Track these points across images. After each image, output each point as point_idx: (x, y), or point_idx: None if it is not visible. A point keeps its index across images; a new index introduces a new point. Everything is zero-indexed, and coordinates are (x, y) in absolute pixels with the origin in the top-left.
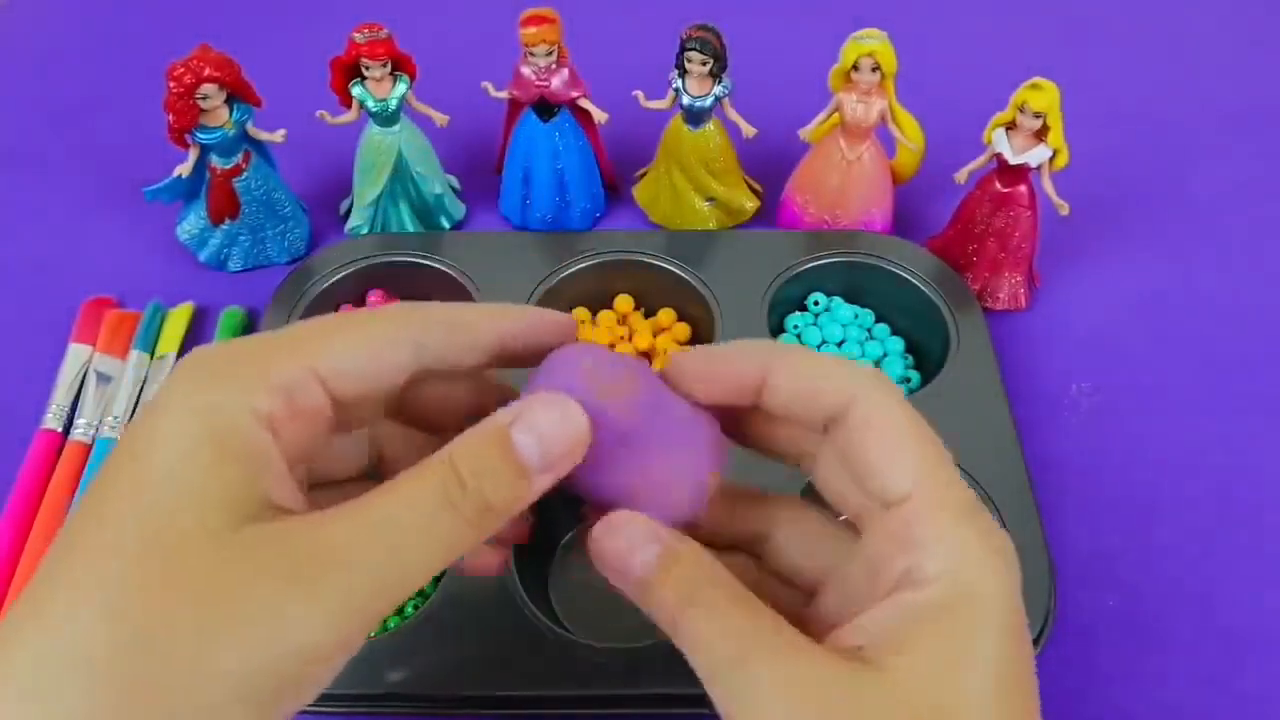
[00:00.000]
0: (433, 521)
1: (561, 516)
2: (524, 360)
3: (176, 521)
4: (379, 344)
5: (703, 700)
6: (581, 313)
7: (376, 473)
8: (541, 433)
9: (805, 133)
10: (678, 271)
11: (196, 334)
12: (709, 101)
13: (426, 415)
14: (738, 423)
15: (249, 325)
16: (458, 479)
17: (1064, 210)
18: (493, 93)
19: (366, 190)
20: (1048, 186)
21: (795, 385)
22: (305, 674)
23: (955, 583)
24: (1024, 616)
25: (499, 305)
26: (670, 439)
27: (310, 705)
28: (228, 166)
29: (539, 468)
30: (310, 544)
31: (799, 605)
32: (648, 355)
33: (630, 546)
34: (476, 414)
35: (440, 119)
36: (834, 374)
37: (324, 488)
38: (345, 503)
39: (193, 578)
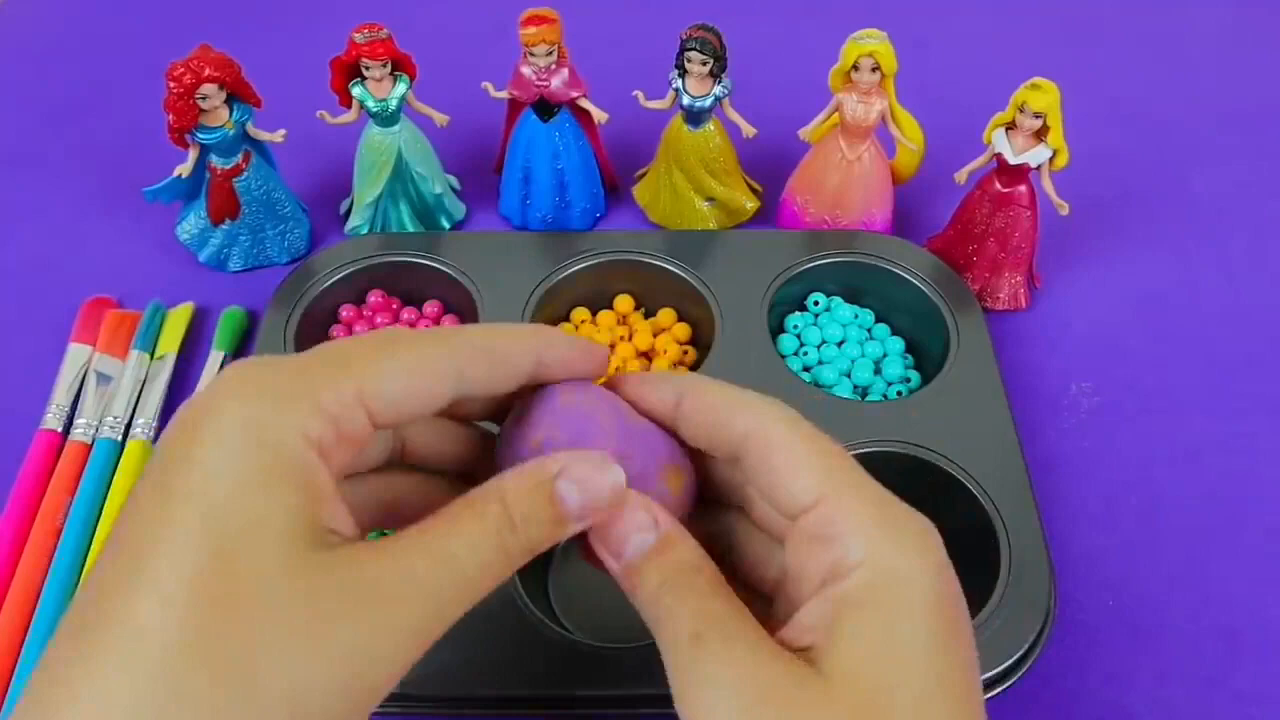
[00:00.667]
0: (489, 559)
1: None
2: (551, 380)
3: (244, 550)
4: (424, 374)
5: None
6: (581, 313)
7: (400, 460)
8: (584, 487)
9: (805, 133)
10: (678, 271)
11: (196, 334)
12: (709, 101)
13: (456, 412)
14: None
15: (249, 325)
16: (510, 522)
17: (1064, 210)
18: (493, 93)
19: (366, 190)
20: (1048, 186)
21: (701, 416)
22: (371, 694)
23: (876, 567)
24: (954, 587)
25: (537, 330)
26: (639, 451)
27: None
28: (228, 166)
29: (575, 518)
30: (382, 573)
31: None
32: (647, 355)
33: (629, 529)
34: (504, 406)
35: (440, 119)
36: (736, 403)
37: (348, 479)
38: (408, 532)
39: (267, 610)
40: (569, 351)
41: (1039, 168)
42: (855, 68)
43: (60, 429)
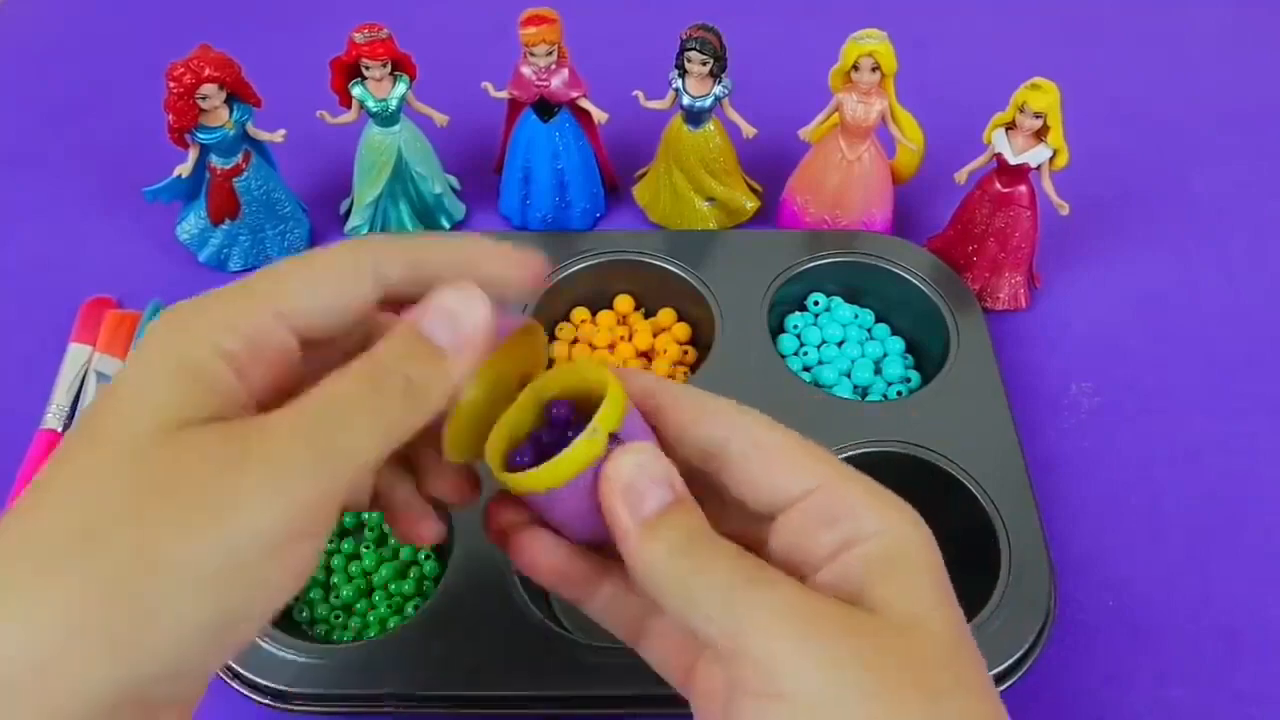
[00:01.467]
0: (363, 400)
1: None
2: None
3: (130, 425)
4: (337, 279)
5: None
6: (581, 313)
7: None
8: (451, 314)
9: (805, 133)
10: (678, 271)
11: None
12: (709, 101)
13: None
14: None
15: None
16: (381, 365)
17: (1064, 210)
18: (493, 93)
19: (366, 190)
20: (1048, 186)
21: (680, 416)
22: (257, 563)
23: (893, 536)
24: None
25: (458, 240)
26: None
27: (310, 705)
28: (228, 166)
29: (453, 347)
30: (248, 431)
31: None
32: (647, 355)
33: (646, 486)
34: None
35: (440, 119)
36: (714, 408)
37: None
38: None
39: (140, 472)
40: (494, 254)
41: (1039, 168)
42: (855, 68)
43: (60, 429)
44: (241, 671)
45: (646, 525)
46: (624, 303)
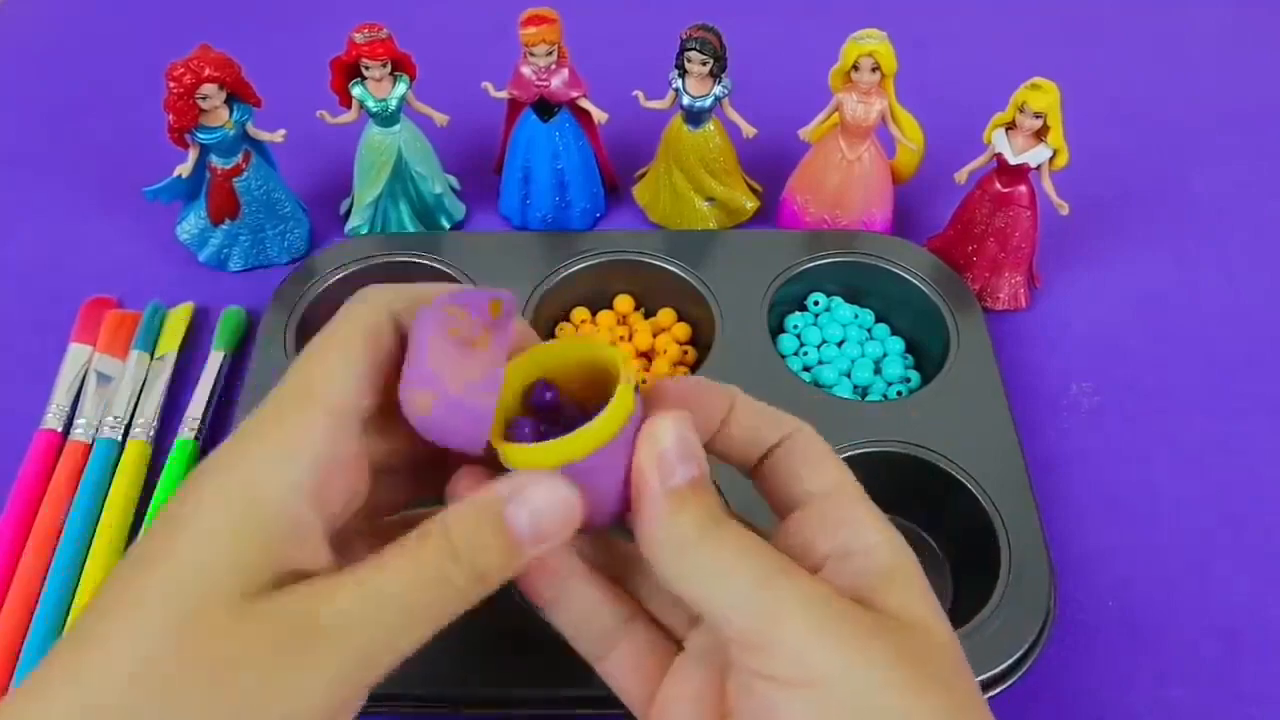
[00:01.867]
0: (427, 597)
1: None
2: None
3: (194, 592)
4: (364, 346)
5: None
6: (581, 313)
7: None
8: (535, 509)
9: (805, 133)
10: (678, 271)
11: (196, 334)
12: (709, 101)
13: None
14: None
15: (249, 325)
16: (453, 552)
17: (1064, 210)
18: (493, 93)
19: (366, 190)
20: (1048, 186)
21: (750, 420)
22: None
23: (892, 550)
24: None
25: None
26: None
27: None
28: (228, 166)
29: (530, 541)
30: (310, 616)
31: None
32: (647, 355)
33: (680, 456)
34: None
35: (440, 119)
36: (776, 412)
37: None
38: (352, 569)
39: (199, 647)
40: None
41: (1039, 168)
42: (855, 68)
43: (60, 429)
44: None
45: (676, 495)
46: (624, 303)
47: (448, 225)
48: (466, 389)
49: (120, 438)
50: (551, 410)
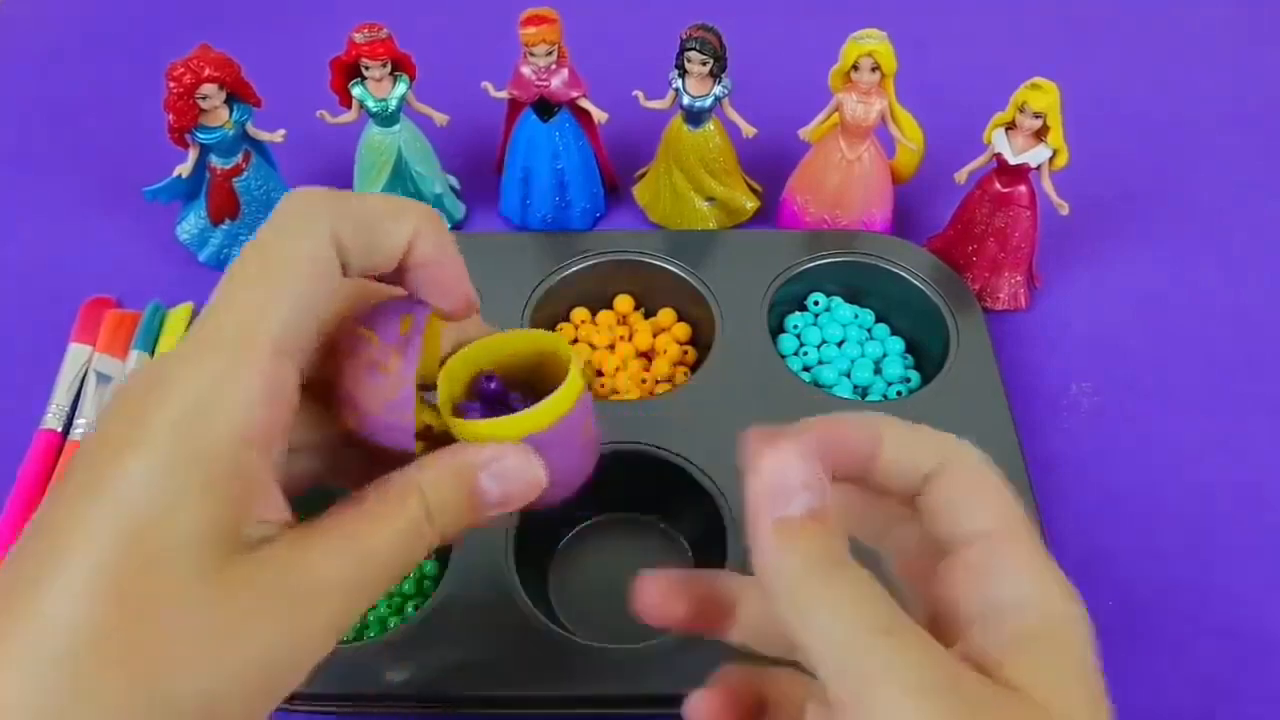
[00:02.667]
0: (405, 553)
1: (560, 518)
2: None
3: (161, 554)
4: (311, 279)
5: None
6: (581, 313)
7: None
8: (507, 479)
9: (805, 133)
10: (678, 271)
11: None
12: (709, 101)
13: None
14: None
15: None
16: (428, 514)
17: (1064, 210)
18: (493, 93)
19: (366, 190)
20: (1047, 186)
21: (902, 448)
22: (279, 691)
23: (1050, 611)
24: (1093, 636)
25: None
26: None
27: (311, 705)
28: (228, 166)
29: (494, 506)
30: (299, 576)
31: None
32: (647, 355)
33: (793, 487)
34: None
35: (440, 119)
36: (929, 438)
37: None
38: (326, 526)
39: (180, 614)
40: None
41: (1039, 168)
42: (855, 68)
43: (60, 429)
44: None
45: (784, 530)
46: (624, 303)
47: (448, 225)
48: (384, 409)
49: None
50: (496, 398)
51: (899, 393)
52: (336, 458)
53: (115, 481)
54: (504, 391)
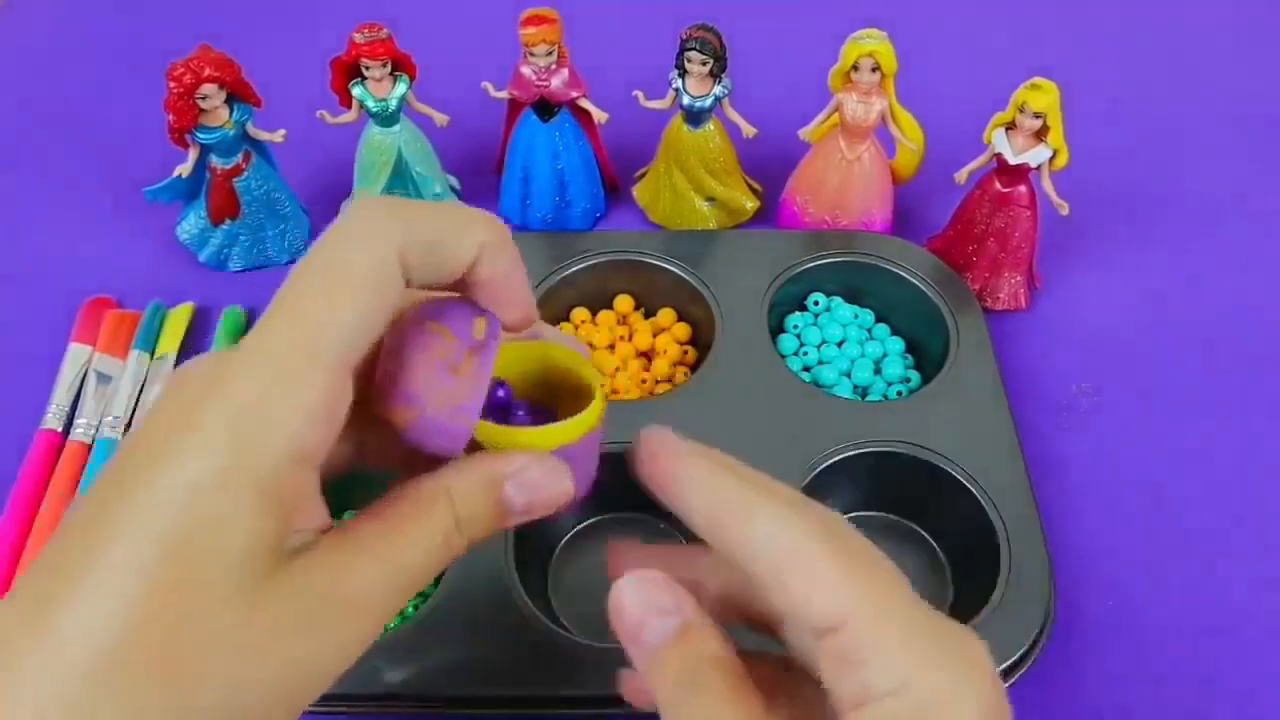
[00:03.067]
0: (434, 563)
1: (561, 518)
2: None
3: (201, 563)
4: (372, 296)
5: None
6: (581, 313)
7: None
8: (534, 490)
9: (805, 133)
10: (678, 271)
11: (196, 334)
12: (709, 101)
13: None
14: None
15: (249, 325)
16: (457, 521)
17: (1064, 210)
18: (493, 93)
19: (366, 190)
20: (1047, 186)
21: (714, 513)
22: (308, 698)
23: (914, 695)
24: (1002, 702)
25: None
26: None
27: (310, 705)
28: (228, 166)
29: (517, 516)
30: (331, 592)
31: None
32: (647, 355)
33: (647, 613)
34: None
35: (440, 119)
36: (752, 502)
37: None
38: (358, 535)
39: (215, 622)
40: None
41: (1039, 168)
42: (855, 68)
43: (60, 429)
44: None
45: (653, 655)
46: (624, 303)
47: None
48: (449, 413)
49: (120, 438)
50: (501, 407)
51: (899, 393)
52: (364, 442)
53: (164, 484)
54: (510, 402)
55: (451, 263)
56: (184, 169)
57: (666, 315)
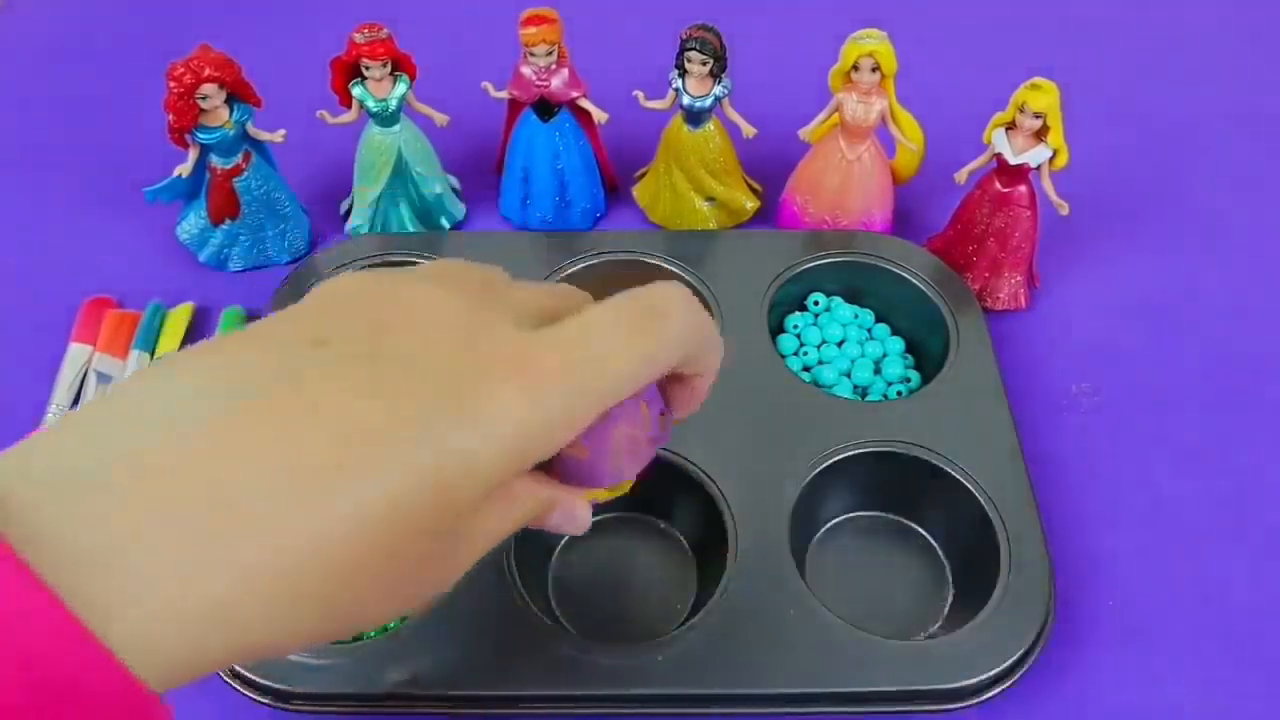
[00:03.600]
0: (505, 537)
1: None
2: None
3: (441, 508)
4: None
5: (702, 700)
6: None
7: None
8: (568, 521)
9: (805, 133)
10: (678, 271)
11: (196, 334)
12: (709, 101)
13: None
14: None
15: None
16: (526, 513)
17: (1064, 210)
18: (493, 93)
19: (366, 190)
20: (1047, 186)
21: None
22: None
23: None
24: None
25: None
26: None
27: (310, 705)
28: (228, 166)
29: (542, 526)
30: (467, 531)
31: None
32: None
33: None
34: None
35: (440, 119)
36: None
37: None
38: (484, 507)
39: (393, 542)
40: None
41: (1039, 168)
42: (855, 68)
43: None
44: (242, 671)
45: None
46: None
47: (448, 225)
48: (608, 477)
49: None
50: None
51: (899, 393)
52: None
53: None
54: None
55: (689, 368)
56: (184, 169)
57: None
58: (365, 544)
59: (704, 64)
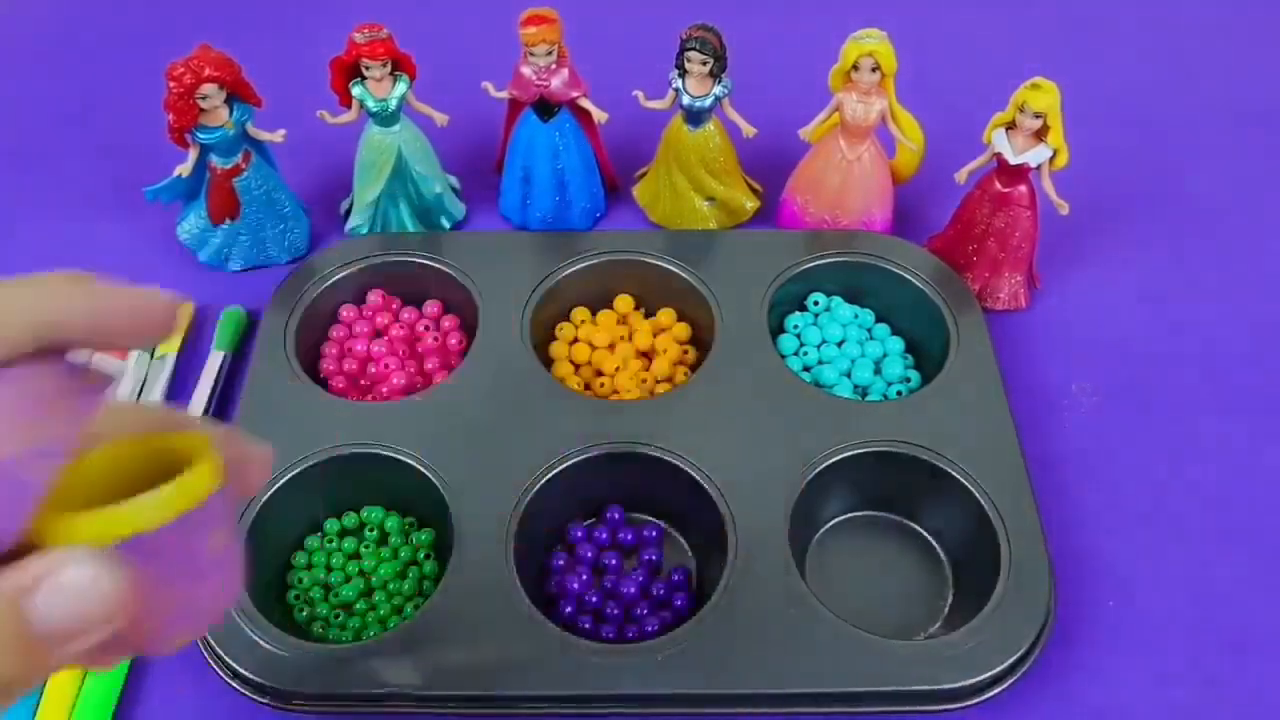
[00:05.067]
0: None
1: (561, 517)
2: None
3: None
4: None
5: (702, 700)
6: (581, 313)
7: None
8: (68, 593)
9: (805, 133)
10: (678, 271)
11: (196, 334)
12: (709, 101)
13: None
14: None
15: (249, 325)
16: None
17: (1064, 210)
18: (493, 93)
19: (366, 190)
20: (1048, 186)
21: None
22: None
23: None
24: None
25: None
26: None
27: (310, 705)
28: (228, 166)
29: (60, 639)
30: None
31: None
32: (647, 355)
33: None
34: None
35: (440, 119)
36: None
37: None
38: None
39: None
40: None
41: (1039, 168)
42: (855, 68)
43: None
44: (242, 671)
45: None
46: (624, 303)
47: (448, 225)
48: (25, 454)
49: None
50: None
51: (899, 392)
52: None
53: None
54: None
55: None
56: (184, 169)
57: (666, 315)
58: None
59: (704, 64)
